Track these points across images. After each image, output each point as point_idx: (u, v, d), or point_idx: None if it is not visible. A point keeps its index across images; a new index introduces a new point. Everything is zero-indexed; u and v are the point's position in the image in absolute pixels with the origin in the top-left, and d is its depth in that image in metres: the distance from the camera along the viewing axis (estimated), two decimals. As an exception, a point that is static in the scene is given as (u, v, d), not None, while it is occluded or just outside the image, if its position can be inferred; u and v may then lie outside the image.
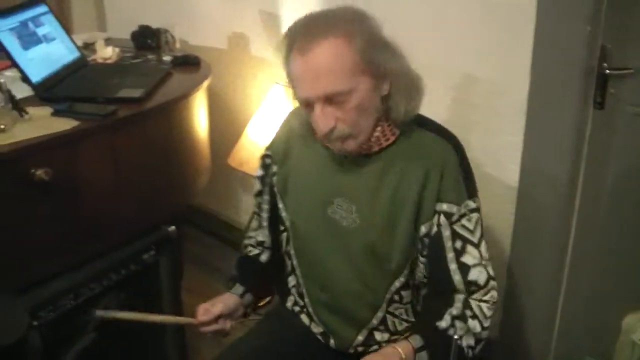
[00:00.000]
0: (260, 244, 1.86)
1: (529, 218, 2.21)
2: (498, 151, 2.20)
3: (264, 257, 1.85)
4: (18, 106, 1.93)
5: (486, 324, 1.56)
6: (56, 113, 1.97)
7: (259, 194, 1.82)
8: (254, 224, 1.89)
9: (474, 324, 1.54)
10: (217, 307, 1.72)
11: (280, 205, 1.74)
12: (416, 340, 1.53)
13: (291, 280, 1.79)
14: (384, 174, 1.57)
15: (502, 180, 2.23)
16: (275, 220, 1.80)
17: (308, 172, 1.67)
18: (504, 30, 2.08)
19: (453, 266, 1.54)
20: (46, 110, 1.99)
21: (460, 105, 2.26)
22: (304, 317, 1.77)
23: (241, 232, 2.88)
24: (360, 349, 1.68)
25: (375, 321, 1.65)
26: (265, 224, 1.83)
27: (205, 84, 2.46)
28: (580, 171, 2.10)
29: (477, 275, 1.54)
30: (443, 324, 1.54)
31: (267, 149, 1.78)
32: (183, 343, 2.42)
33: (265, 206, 1.81)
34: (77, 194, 1.92)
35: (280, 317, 1.82)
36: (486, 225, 1.65)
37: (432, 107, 1.68)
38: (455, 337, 1.50)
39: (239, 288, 1.79)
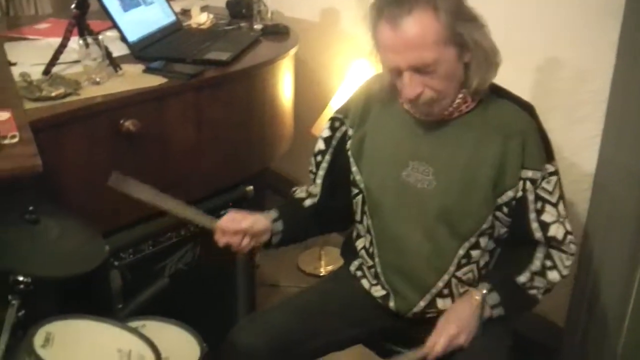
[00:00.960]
0: (308, 192, 1.88)
1: (603, 208, 2.19)
2: (576, 137, 2.19)
3: (308, 203, 1.86)
4: (114, 62, 2.08)
5: (565, 272, 1.67)
6: (147, 70, 2.11)
7: (321, 153, 1.85)
8: (310, 180, 1.91)
9: (553, 276, 1.66)
10: (246, 220, 1.71)
11: (354, 169, 1.78)
12: (484, 286, 1.64)
13: (360, 243, 1.84)
14: (463, 140, 1.63)
15: (579, 167, 2.21)
16: (330, 182, 1.84)
17: (385, 135, 1.73)
18: (591, 14, 2.06)
19: (534, 225, 1.64)
20: (138, 68, 2.13)
21: (541, 88, 2.25)
22: (364, 282, 1.82)
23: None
24: (418, 314, 1.74)
25: (441, 284, 1.69)
26: (319, 181, 1.86)
27: (292, 52, 2.54)
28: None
29: (556, 230, 1.64)
30: (522, 279, 1.65)
31: (339, 112, 1.83)
32: (253, 292, 2.52)
33: (324, 165, 1.85)
34: (161, 147, 2.05)
35: (341, 279, 1.88)
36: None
37: (513, 88, 1.70)
38: (534, 292, 1.65)
39: (273, 213, 1.80)
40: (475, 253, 1.69)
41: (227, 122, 2.23)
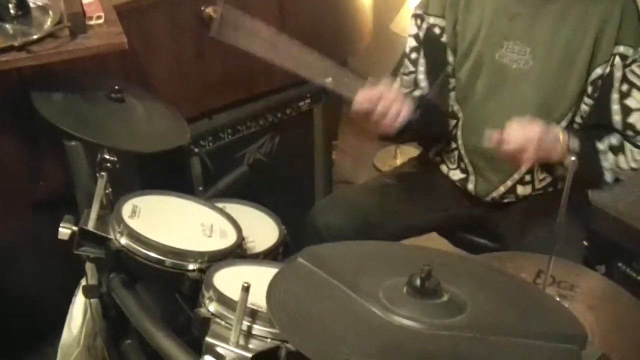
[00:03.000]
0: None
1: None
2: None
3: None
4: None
5: (633, 165, 1.59)
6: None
7: (414, 50, 1.79)
8: (406, 82, 1.82)
9: (621, 160, 1.58)
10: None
11: (451, 59, 1.73)
12: (574, 144, 1.54)
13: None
14: (561, 19, 1.57)
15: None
16: (434, 77, 1.78)
17: (477, 17, 1.67)
18: None
19: (615, 107, 1.57)
20: (220, -44, 2.10)
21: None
22: (443, 167, 1.81)
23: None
24: (497, 198, 1.72)
25: (524, 169, 1.65)
26: (422, 77, 1.78)
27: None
28: None
29: (636, 119, 1.56)
30: (601, 146, 1.57)
31: (418, 7, 1.76)
32: (329, 189, 2.54)
33: (422, 61, 1.79)
34: (244, 35, 2.04)
35: (419, 164, 1.88)
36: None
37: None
38: (603, 165, 1.56)
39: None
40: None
41: (308, 11, 2.20)
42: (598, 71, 1.57)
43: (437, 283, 0.82)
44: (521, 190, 1.70)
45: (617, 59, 1.54)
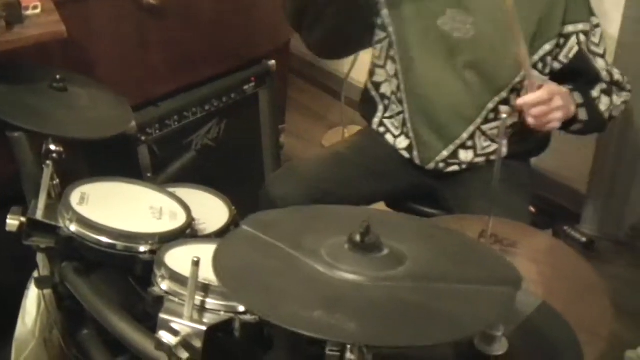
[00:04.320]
0: None
1: (630, 65, 2.18)
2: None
3: None
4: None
5: (624, 98, 1.75)
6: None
7: None
8: None
9: (615, 98, 1.73)
10: None
11: (384, 12, 1.76)
12: (578, 96, 1.67)
13: (386, 88, 1.84)
14: None
15: (605, 30, 2.19)
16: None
17: None
18: None
19: (603, 73, 1.71)
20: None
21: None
22: (388, 137, 1.85)
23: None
24: (441, 165, 1.77)
25: (465, 135, 1.71)
26: None
27: None
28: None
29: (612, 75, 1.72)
30: (594, 93, 1.68)
31: None
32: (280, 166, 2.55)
33: None
34: (185, 20, 2.05)
35: (366, 136, 1.92)
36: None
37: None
38: (603, 107, 1.70)
39: None
40: (504, 109, 1.70)
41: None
42: (546, 47, 1.64)
43: (376, 238, 0.85)
44: (464, 155, 1.75)
45: (582, 37, 1.65)
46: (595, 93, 1.70)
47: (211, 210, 1.67)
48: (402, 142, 1.82)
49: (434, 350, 0.95)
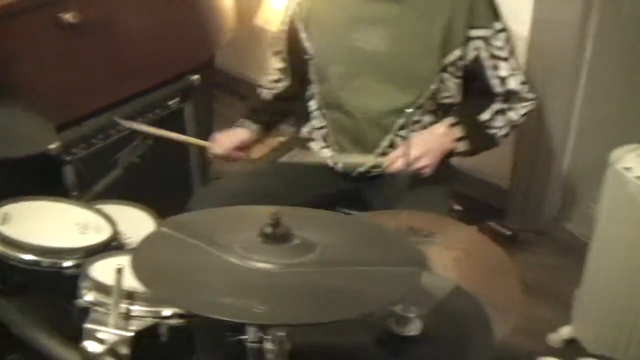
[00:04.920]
0: (273, 81, 1.99)
1: (540, 66, 2.28)
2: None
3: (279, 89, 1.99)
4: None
5: (523, 111, 1.81)
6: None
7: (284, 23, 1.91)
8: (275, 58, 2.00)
9: (512, 114, 1.80)
10: (236, 137, 1.89)
11: (304, 35, 1.83)
12: (449, 120, 1.75)
13: (313, 104, 1.91)
14: (412, 3, 1.70)
15: (515, 32, 2.28)
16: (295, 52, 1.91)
17: (335, 2, 1.79)
18: None
19: (494, 81, 1.76)
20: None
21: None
22: (313, 145, 1.91)
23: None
24: (364, 172, 1.84)
25: (384, 143, 1.77)
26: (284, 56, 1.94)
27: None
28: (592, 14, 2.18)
29: (513, 83, 1.77)
30: (484, 116, 1.76)
31: None
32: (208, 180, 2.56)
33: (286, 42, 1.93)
34: (106, 37, 2.05)
35: (291, 145, 1.99)
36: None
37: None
38: (495, 131, 1.78)
39: (252, 125, 1.95)
40: (420, 113, 1.77)
41: (165, 11, 2.23)
42: (456, 53, 1.71)
43: (286, 229, 0.89)
44: None
45: (481, 42, 1.71)
46: (485, 116, 1.76)
47: (138, 223, 1.67)
48: (326, 153, 1.88)
49: (352, 337, 0.99)
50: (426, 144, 1.69)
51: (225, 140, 1.92)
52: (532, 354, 0.99)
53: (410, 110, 1.68)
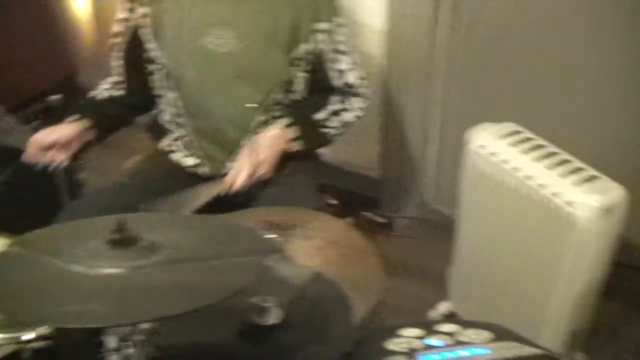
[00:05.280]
0: (112, 83, 1.94)
1: (399, 57, 2.37)
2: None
3: (115, 94, 1.94)
4: None
5: (359, 113, 1.87)
6: None
7: (119, 34, 1.88)
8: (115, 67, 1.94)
9: (347, 116, 1.85)
10: (53, 133, 1.78)
11: (152, 45, 1.82)
12: (284, 121, 1.78)
13: (167, 117, 1.91)
14: (259, 3, 1.75)
15: (372, 26, 2.36)
16: (136, 63, 1.88)
17: (184, 7, 1.78)
18: None
19: (332, 73, 1.82)
20: None
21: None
22: (175, 155, 1.91)
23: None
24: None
25: (245, 142, 1.79)
26: (121, 62, 1.90)
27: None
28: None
29: (351, 77, 1.83)
30: (319, 116, 1.81)
31: None
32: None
33: (124, 47, 1.89)
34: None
35: (154, 156, 1.96)
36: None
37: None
38: (327, 130, 1.82)
39: (86, 122, 1.86)
40: (276, 109, 1.81)
41: (22, 30, 2.18)
42: (303, 47, 1.77)
43: (132, 233, 0.90)
44: None
45: (323, 36, 1.77)
46: (321, 115, 1.81)
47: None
48: (189, 161, 1.89)
49: (216, 333, 1.01)
50: (264, 150, 1.71)
51: (42, 137, 1.78)
52: (396, 327, 1.03)
53: (254, 105, 1.73)
